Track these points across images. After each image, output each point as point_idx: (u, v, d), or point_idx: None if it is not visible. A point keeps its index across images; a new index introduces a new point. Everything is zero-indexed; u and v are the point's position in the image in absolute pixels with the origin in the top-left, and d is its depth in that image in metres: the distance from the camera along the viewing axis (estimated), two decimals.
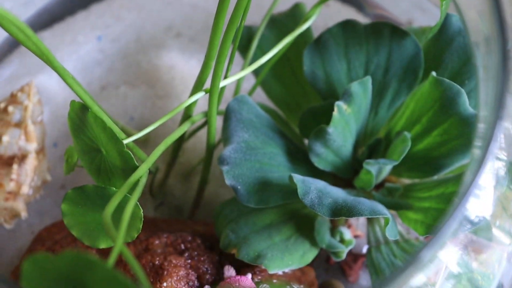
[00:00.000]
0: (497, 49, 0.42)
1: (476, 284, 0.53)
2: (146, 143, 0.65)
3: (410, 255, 0.55)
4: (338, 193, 0.53)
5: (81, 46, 0.69)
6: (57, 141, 0.65)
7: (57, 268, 0.34)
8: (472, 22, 0.48)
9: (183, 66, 0.69)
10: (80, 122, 0.48)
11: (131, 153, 0.48)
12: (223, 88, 0.55)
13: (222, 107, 0.59)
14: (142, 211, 0.49)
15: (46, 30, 0.70)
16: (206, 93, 0.53)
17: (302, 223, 0.56)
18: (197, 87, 0.53)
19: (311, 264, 0.56)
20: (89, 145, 0.50)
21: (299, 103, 0.61)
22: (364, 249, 0.64)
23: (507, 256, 0.53)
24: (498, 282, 0.52)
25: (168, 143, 0.50)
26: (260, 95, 0.64)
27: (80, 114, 0.48)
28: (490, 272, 0.53)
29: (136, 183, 0.47)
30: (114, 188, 0.49)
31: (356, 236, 0.63)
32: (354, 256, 0.63)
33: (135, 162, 0.48)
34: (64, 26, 0.69)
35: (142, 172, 0.47)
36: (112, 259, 0.36)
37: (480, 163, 0.41)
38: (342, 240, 0.57)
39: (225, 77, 0.55)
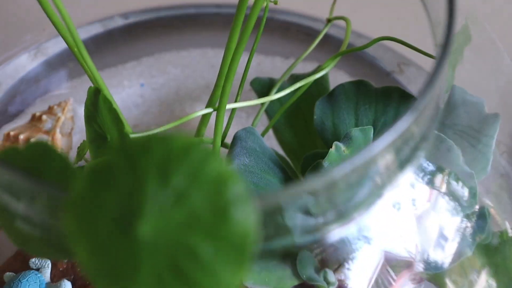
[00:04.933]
0: None
1: None
2: None
3: None
4: None
5: (124, 89, 0.75)
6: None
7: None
8: None
9: (213, 117, 0.73)
10: (93, 107, 0.53)
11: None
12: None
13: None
14: None
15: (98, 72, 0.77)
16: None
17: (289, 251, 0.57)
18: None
19: None
20: (97, 132, 0.54)
21: None
22: None
23: None
24: None
25: None
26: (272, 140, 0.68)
27: (93, 98, 0.53)
28: None
29: None
30: None
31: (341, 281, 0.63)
32: None
33: None
34: (114, 71, 0.76)
35: None
36: None
37: None
38: (325, 279, 0.58)
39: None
